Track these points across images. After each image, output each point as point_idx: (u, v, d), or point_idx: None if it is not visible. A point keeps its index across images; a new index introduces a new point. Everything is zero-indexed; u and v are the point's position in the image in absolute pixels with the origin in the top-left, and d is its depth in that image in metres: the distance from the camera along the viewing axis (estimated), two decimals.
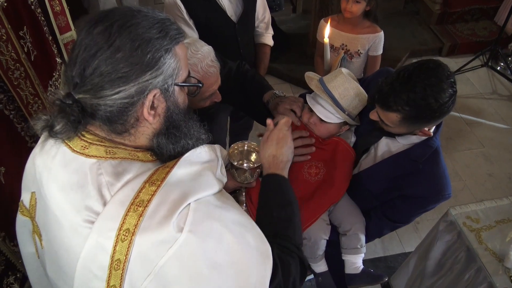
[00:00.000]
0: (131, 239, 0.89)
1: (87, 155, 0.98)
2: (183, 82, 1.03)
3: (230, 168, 1.45)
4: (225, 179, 1.10)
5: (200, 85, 1.16)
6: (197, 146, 1.08)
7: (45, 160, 1.04)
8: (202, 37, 1.82)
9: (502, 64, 4.57)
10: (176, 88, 1.01)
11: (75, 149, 0.99)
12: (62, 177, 0.99)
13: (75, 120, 0.95)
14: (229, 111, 2.70)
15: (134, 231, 0.89)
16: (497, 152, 3.81)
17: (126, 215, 0.90)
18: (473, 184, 3.54)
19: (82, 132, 0.99)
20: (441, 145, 1.61)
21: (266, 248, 1.05)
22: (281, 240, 1.20)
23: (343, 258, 1.77)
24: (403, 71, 1.39)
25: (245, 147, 1.51)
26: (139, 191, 0.93)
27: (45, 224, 1.06)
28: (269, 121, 1.49)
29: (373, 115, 1.53)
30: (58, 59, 2.39)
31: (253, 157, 1.51)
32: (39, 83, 2.11)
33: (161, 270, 0.90)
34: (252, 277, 1.00)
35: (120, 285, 0.92)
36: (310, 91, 1.73)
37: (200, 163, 1.04)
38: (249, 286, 0.99)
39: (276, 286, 1.08)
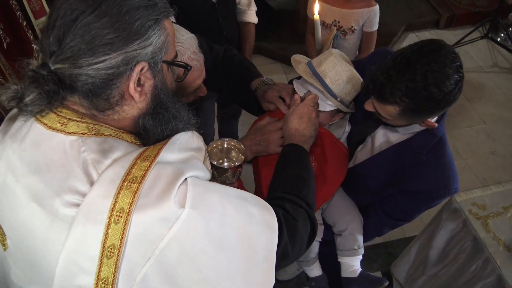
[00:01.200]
0: (126, 219, 0.80)
1: (66, 132, 0.88)
2: (171, 62, 0.96)
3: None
4: (210, 172, 1.02)
5: (188, 67, 1.06)
6: (187, 130, 1.02)
7: (9, 145, 0.93)
8: (179, 21, 1.65)
9: (502, 35, 4.39)
10: (164, 66, 0.95)
11: (51, 126, 0.89)
12: (35, 158, 0.88)
13: (50, 90, 0.84)
14: (215, 97, 2.55)
15: (129, 210, 0.80)
16: (499, 128, 3.68)
17: (118, 193, 0.81)
18: (475, 163, 3.41)
19: (59, 108, 0.89)
20: None
21: (271, 219, 1.01)
22: (292, 195, 1.18)
23: (339, 260, 1.63)
24: (400, 56, 1.20)
25: (225, 145, 1.40)
26: (131, 167, 0.85)
27: (10, 219, 0.92)
28: (296, 96, 1.50)
29: (368, 106, 1.36)
30: (34, 46, 2.24)
31: (234, 155, 1.40)
32: (12, 72, 1.95)
33: (162, 253, 0.83)
34: (259, 252, 0.96)
35: (113, 276, 0.82)
36: None
37: (189, 149, 0.98)
38: (256, 262, 0.96)
39: (283, 248, 1.04)
